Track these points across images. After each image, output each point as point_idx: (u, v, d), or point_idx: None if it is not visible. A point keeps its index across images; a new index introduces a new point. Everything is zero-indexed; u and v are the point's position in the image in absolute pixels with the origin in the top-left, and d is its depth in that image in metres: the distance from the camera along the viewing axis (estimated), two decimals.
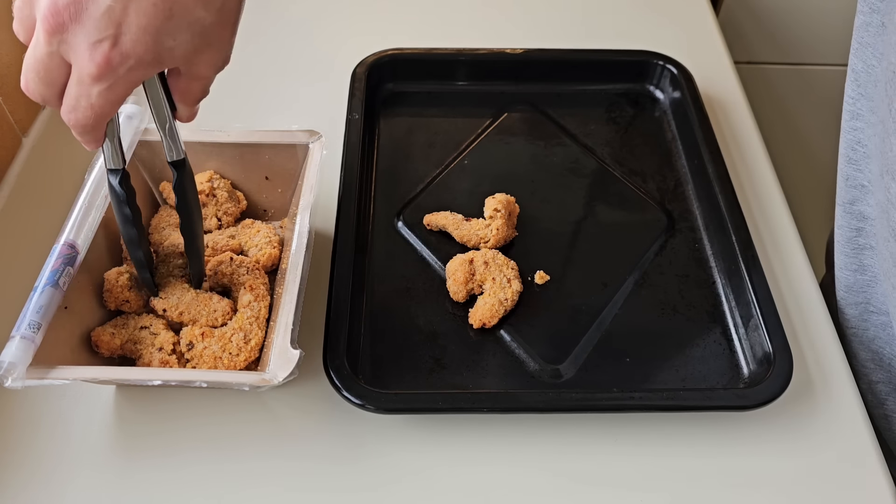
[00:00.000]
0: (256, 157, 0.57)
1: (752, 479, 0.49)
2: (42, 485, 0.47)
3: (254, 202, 0.59)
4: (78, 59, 0.35)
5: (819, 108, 1.13)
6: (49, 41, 0.35)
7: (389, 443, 0.50)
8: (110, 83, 0.36)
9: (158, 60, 0.37)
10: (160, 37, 0.36)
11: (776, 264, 0.60)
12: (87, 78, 0.36)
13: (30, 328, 0.43)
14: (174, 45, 0.36)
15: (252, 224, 0.57)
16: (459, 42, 0.73)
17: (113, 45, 0.35)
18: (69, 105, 0.37)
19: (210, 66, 0.39)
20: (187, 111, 0.43)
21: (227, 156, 0.57)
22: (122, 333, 0.50)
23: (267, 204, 0.60)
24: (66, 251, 0.47)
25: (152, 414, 0.50)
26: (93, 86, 0.36)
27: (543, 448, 0.50)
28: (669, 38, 0.78)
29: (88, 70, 0.35)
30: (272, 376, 0.44)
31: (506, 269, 0.56)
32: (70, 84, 0.37)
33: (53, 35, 0.35)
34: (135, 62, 0.36)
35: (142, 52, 0.36)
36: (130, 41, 0.35)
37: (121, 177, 0.45)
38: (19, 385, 0.42)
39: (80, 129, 0.38)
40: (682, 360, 0.53)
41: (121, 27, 0.35)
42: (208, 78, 0.40)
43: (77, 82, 0.36)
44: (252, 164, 0.57)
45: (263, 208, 0.60)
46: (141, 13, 0.35)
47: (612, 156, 0.67)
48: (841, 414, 0.52)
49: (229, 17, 0.38)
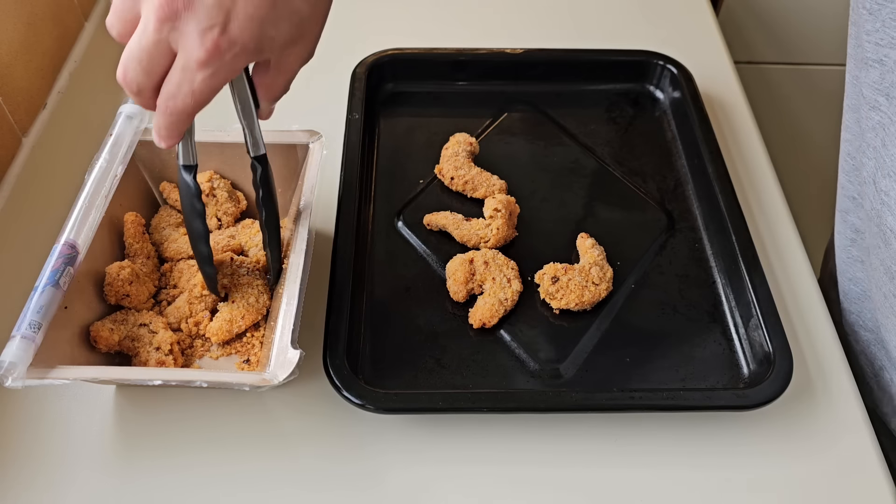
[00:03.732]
0: None
1: (751, 478, 0.49)
2: (42, 485, 0.47)
3: (254, 202, 0.59)
4: (187, 44, 0.36)
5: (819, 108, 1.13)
6: (160, 28, 0.36)
7: (389, 443, 0.50)
8: (215, 69, 0.37)
9: (259, 49, 0.38)
10: (264, 25, 0.37)
11: (776, 264, 0.60)
12: (193, 63, 0.37)
13: (30, 328, 0.43)
14: (275, 35, 0.38)
15: (252, 224, 0.57)
16: (459, 42, 0.73)
17: (222, 32, 0.36)
18: (170, 92, 0.38)
19: (298, 59, 0.41)
20: (268, 107, 0.44)
21: (227, 156, 0.57)
22: (121, 329, 0.50)
23: None
24: (67, 251, 0.47)
25: (152, 414, 0.50)
26: (198, 71, 0.37)
27: (543, 448, 0.50)
28: (669, 38, 0.78)
29: (197, 55, 0.36)
30: (272, 376, 0.44)
31: (506, 269, 0.56)
32: (174, 71, 0.38)
33: (166, 22, 0.36)
34: (240, 49, 0.37)
35: (247, 38, 0.37)
36: (238, 28, 0.37)
37: (195, 173, 0.46)
38: (20, 385, 0.42)
39: (175, 117, 0.39)
40: (682, 360, 0.53)
41: (229, 15, 0.36)
42: (293, 72, 0.42)
43: (182, 68, 0.37)
44: None
45: None
46: (248, 2, 0.36)
47: (612, 156, 0.67)
48: (841, 414, 0.52)
49: (323, 11, 0.40)
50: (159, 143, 0.41)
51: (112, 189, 0.52)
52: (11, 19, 0.65)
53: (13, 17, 0.65)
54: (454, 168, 0.62)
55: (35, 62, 0.68)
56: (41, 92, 0.70)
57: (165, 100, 0.38)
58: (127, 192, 0.55)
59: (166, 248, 0.55)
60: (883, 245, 0.50)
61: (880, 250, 0.50)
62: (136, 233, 0.54)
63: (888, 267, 0.50)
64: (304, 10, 0.39)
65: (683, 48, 0.75)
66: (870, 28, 0.47)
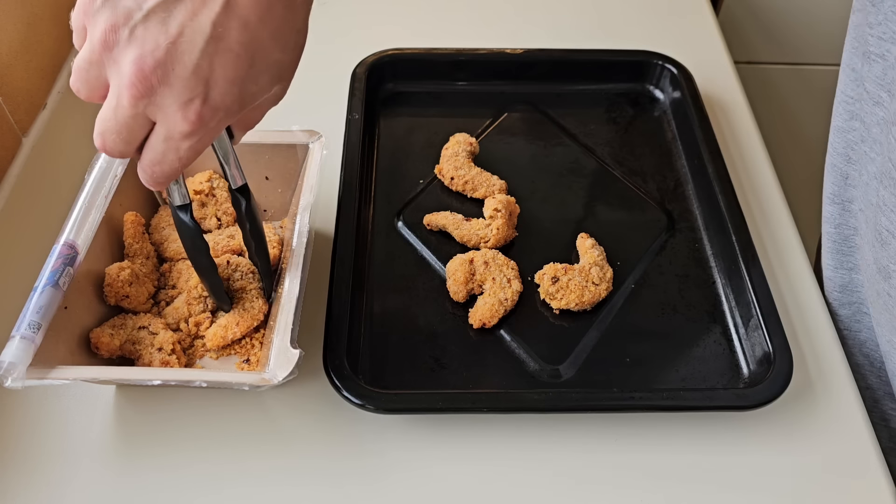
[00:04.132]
0: (256, 157, 0.57)
1: (752, 478, 0.49)
2: (42, 485, 0.47)
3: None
4: (167, 119, 0.35)
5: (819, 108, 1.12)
6: (136, 104, 0.35)
7: (389, 443, 0.50)
8: (200, 136, 0.36)
9: (242, 106, 0.37)
10: (245, 85, 0.36)
11: (776, 264, 0.60)
12: (177, 135, 0.36)
13: (30, 328, 0.43)
14: (256, 90, 0.37)
15: None
16: (459, 42, 0.73)
17: (203, 102, 0.35)
18: (154, 159, 0.37)
19: (276, 99, 0.40)
20: (241, 137, 0.44)
21: None
22: (121, 334, 0.50)
23: (267, 204, 0.60)
24: (66, 251, 0.47)
25: (152, 414, 0.50)
26: (183, 141, 0.36)
27: (543, 448, 0.50)
28: (669, 38, 0.78)
29: (181, 129, 0.35)
30: (272, 376, 0.44)
31: (506, 269, 0.56)
32: (156, 140, 0.36)
33: (141, 99, 0.34)
34: (223, 114, 0.36)
35: (230, 102, 0.36)
36: (219, 95, 0.35)
37: (191, 211, 0.45)
38: (19, 385, 0.42)
39: (163, 178, 0.38)
40: (682, 360, 0.53)
41: (208, 83, 0.35)
42: (269, 108, 0.41)
43: (165, 139, 0.36)
44: (252, 163, 0.57)
45: (263, 208, 0.60)
46: (227, 66, 0.35)
47: (612, 156, 0.67)
48: (841, 414, 0.52)
49: (298, 53, 0.39)
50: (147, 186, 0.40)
51: (112, 189, 0.52)
52: (11, 19, 0.65)
53: (13, 17, 0.65)
54: (454, 168, 0.62)
55: (35, 62, 0.68)
56: (41, 92, 0.70)
57: (150, 165, 0.37)
58: (127, 192, 0.55)
59: (166, 248, 0.55)
60: (878, 244, 0.50)
61: (874, 248, 0.50)
62: (136, 233, 0.54)
63: (884, 266, 0.49)
64: (283, 59, 0.37)
65: (683, 48, 0.75)
66: (872, 21, 0.47)
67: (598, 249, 0.57)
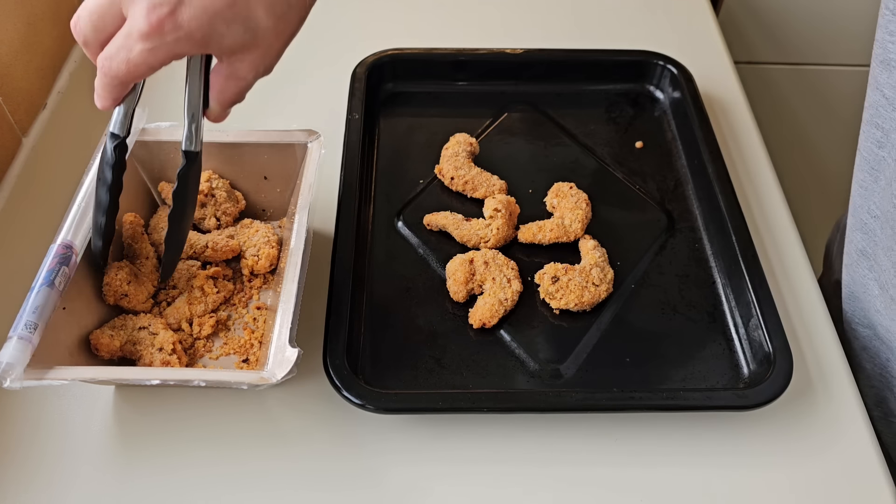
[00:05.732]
0: (255, 157, 0.57)
1: (751, 478, 0.49)
2: (41, 486, 0.47)
3: (252, 202, 0.59)
4: (135, 13, 0.37)
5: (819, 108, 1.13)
6: None
7: (389, 442, 0.50)
8: (154, 45, 0.37)
9: (205, 42, 0.38)
10: (215, 20, 0.37)
11: (776, 264, 0.60)
12: (135, 33, 0.37)
13: (27, 328, 0.43)
14: (224, 34, 0.38)
15: (251, 224, 0.57)
16: (459, 42, 0.73)
17: (170, 13, 0.36)
18: (109, 52, 0.38)
19: (251, 69, 0.40)
20: (217, 110, 0.44)
21: (226, 156, 0.57)
22: (121, 335, 0.50)
23: (265, 204, 0.60)
24: (62, 251, 0.47)
25: (152, 414, 0.50)
26: (137, 42, 0.37)
27: (543, 448, 0.50)
28: (669, 38, 0.78)
29: (140, 26, 0.37)
30: (270, 375, 0.44)
31: (506, 269, 0.56)
32: (118, 34, 0.38)
33: None
34: (184, 35, 0.37)
35: (194, 27, 0.37)
36: (188, 14, 0.36)
37: (117, 143, 0.46)
38: (17, 386, 0.42)
39: (108, 79, 0.39)
40: (682, 360, 0.53)
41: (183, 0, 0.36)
42: (246, 80, 0.41)
43: (125, 34, 0.37)
44: (250, 163, 0.57)
45: (262, 208, 0.60)
46: None
47: (612, 156, 0.67)
48: (841, 414, 0.52)
49: (286, 28, 0.40)
50: (96, 101, 0.41)
51: None
52: (11, 19, 0.65)
53: (13, 17, 0.65)
54: (454, 168, 0.62)
55: (35, 62, 0.68)
56: (41, 92, 0.70)
57: (102, 59, 0.39)
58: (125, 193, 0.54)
59: None
60: None
61: (892, 252, 0.50)
62: (136, 234, 0.54)
63: None
64: (263, 19, 0.38)
65: (683, 48, 0.75)
66: (893, 28, 0.47)
67: (599, 251, 0.57)
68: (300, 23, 0.40)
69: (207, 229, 0.57)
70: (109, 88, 0.40)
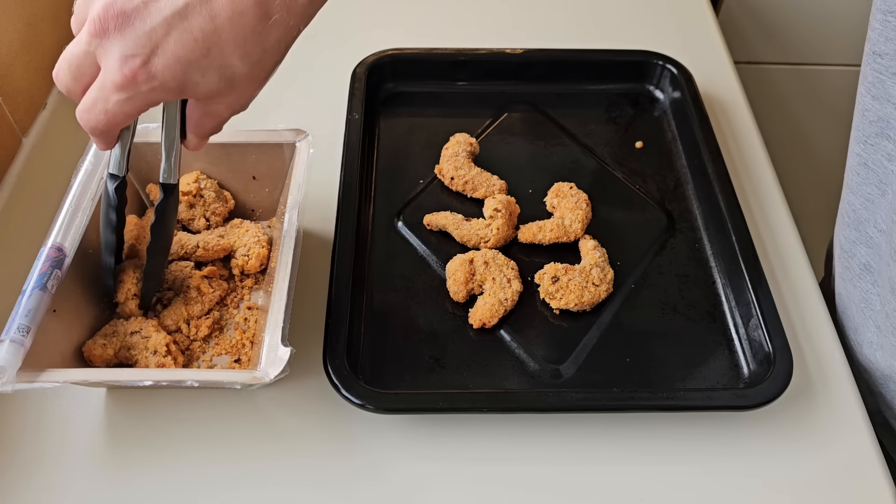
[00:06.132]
0: (243, 157, 0.57)
1: (751, 478, 0.49)
2: (35, 488, 0.47)
3: (241, 202, 0.59)
4: (108, 65, 0.37)
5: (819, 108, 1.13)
6: (90, 41, 0.37)
7: (389, 442, 0.49)
8: (129, 96, 0.37)
9: (181, 90, 0.38)
10: (190, 70, 0.37)
11: (776, 264, 0.60)
12: (109, 85, 0.37)
13: (19, 332, 0.43)
14: (200, 82, 0.38)
15: (240, 224, 0.57)
16: (459, 42, 0.73)
17: (143, 64, 0.36)
18: (85, 105, 0.39)
19: (228, 109, 0.41)
20: (195, 141, 0.44)
21: (214, 156, 0.57)
22: (114, 342, 0.50)
23: (255, 203, 0.59)
24: (54, 254, 0.47)
25: (145, 416, 0.50)
26: (112, 94, 0.37)
27: (543, 448, 0.50)
28: (669, 38, 0.78)
29: (113, 78, 0.37)
30: (263, 374, 0.44)
31: (506, 269, 0.56)
32: (93, 86, 0.38)
33: (94, 37, 0.37)
34: (158, 84, 0.37)
35: (168, 77, 0.37)
36: (161, 65, 0.36)
37: (118, 184, 0.46)
38: (10, 389, 0.42)
39: (90, 130, 0.40)
40: (682, 360, 0.53)
41: (156, 49, 0.36)
42: (222, 117, 0.42)
43: (99, 86, 0.38)
44: (239, 163, 0.57)
45: (251, 208, 0.60)
46: (180, 43, 0.36)
47: (612, 156, 0.67)
48: (841, 414, 0.52)
49: (261, 73, 0.39)
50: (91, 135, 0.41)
51: (98, 191, 0.51)
52: (11, 19, 0.65)
53: (13, 17, 0.65)
54: (454, 168, 0.62)
55: (35, 62, 0.68)
56: (41, 92, 0.70)
57: (80, 112, 0.39)
58: None
59: None
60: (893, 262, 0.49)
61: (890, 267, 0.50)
62: (139, 236, 0.54)
63: None
64: (238, 67, 0.38)
65: (683, 48, 0.75)
66: None
67: (599, 251, 0.57)
68: (276, 66, 0.40)
69: (197, 230, 0.57)
70: (95, 138, 0.41)
